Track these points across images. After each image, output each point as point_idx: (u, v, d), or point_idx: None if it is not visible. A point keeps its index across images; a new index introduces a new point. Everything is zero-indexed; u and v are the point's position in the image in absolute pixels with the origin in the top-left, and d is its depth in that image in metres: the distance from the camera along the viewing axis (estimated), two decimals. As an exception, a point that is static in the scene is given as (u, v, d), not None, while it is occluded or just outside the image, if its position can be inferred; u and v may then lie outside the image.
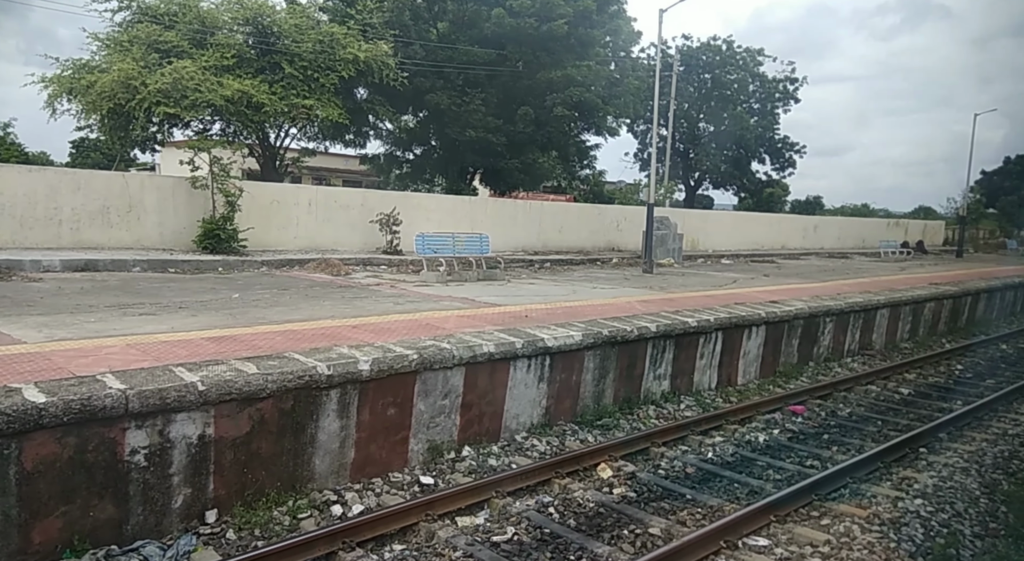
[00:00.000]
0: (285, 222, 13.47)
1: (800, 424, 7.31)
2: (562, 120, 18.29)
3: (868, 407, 8.20)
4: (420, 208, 15.76)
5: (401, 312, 6.97)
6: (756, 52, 45.60)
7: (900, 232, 37.17)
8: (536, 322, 6.95)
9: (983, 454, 6.40)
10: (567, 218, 19.84)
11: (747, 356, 8.91)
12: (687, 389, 8.05)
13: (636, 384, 7.34)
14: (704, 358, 8.24)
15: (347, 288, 9.02)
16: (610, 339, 6.81)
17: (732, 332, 8.55)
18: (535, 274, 13.91)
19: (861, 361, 10.67)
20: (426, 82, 17.66)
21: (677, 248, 19.72)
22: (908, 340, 12.39)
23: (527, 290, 10.08)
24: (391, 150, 22.27)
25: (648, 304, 9.05)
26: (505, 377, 5.82)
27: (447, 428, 5.38)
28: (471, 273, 10.91)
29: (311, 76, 14.54)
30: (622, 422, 6.79)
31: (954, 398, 8.73)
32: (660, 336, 7.49)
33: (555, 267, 16.03)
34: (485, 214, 17.39)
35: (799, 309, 9.58)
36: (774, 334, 9.27)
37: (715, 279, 14.17)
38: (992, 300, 15.93)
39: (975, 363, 11.18)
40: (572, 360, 6.47)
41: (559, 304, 8.45)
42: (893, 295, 11.91)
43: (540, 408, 6.23)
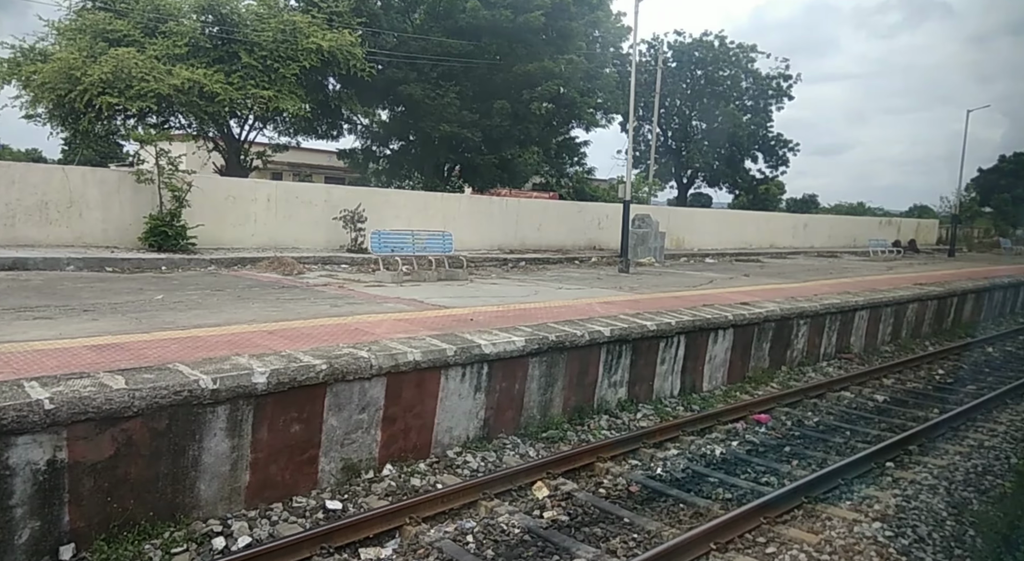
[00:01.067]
0: (242, 219, 12.99)
1: (762, 435, 6.93)
2: (540, 115, 17.85)
3: (838, 416, 7.84)
4: (389, 205, 15.31)
5: (334, 316, 6.54)
6: (749, 48, 45.31)
7: (892, 231, 37.00)
8: (480, 326, 6.54)
9: (955, 469, 6.04)
10: (546, 216, 19.43)
11: (713, 361, 8.53)
12: (647, 397, 7.65)
13: (588, 392, 6.94)
14: (665, 364, 7.85)
15: (290, 289, 8.58)
16: (558, 344, 6.41)
17: (696, 336, 8.16)
18: (506, 273, 13.50)
19: (837, 365, 10.32)
20: (398, 74, 17.21)
21: (659, 247, 19.35)
22: (889, 343, 12.05)
23: (486, 291, 9.67)
24: (367, 145, 21.80)
25: (610, 306, 8.65)
26: (435, 387, 5.40)
27: (366, 445, 4.95)
28: (431, 273, 10.48)
29: (271, 66, 14.05)
30: (570, 434, 6.38)
31: (931, 406, 8.38)
32: (615, 341, 7.09)
33: (529, 266, 15.62)
34: (459, 211, 16.96)
35: (770, 311, 9.21)
36: (743, 338, 8.89)
37: (692, 279, 13.81)
38: (980, 301, 15.65)
39: (957, 367, 10.86)
40: (514, 368, 6.06)
41: (513, 306, 8.04)
42: (873, 296, 11.57)
43: (477, 420, 5.81)
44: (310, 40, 13.97)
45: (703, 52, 44.87)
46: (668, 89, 45.91)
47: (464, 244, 17.33)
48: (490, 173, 19.90)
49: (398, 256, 10.23)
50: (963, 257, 30.33)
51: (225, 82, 13.37)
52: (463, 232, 17.23)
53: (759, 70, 46.03)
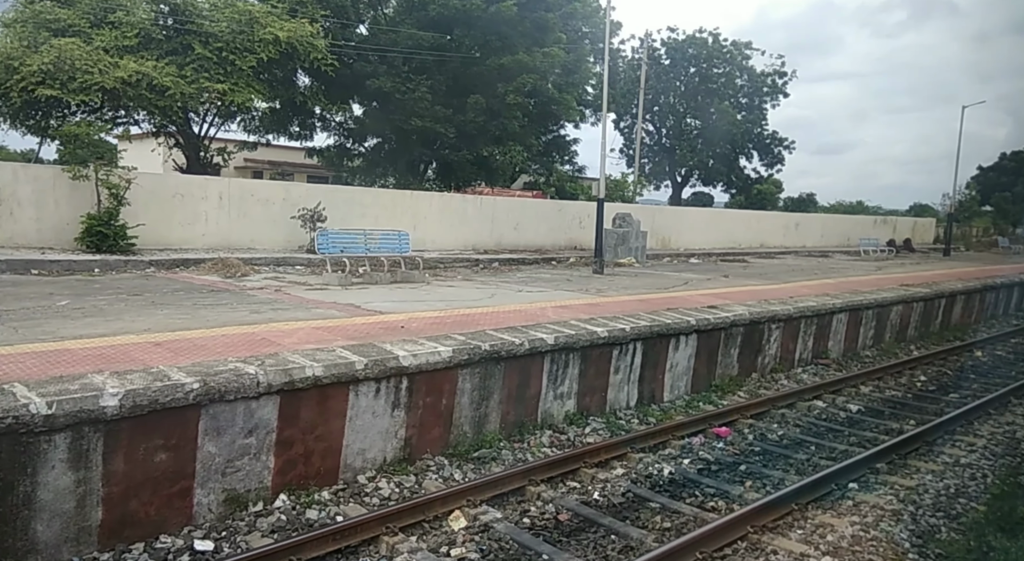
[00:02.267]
0: (191, 218, 12.45)
1: (719, 451, 6.45)
2: (515, 110, 17.35)
3: (805, 428, 7.36)
4: (354, 203, 14.79)
5: (247, 323, 6.03)
6: (744, 45, 44.87)
7: (888, 230, 36.60)
8: (410, 334, 6.04)
9: (924, 491, 5.57)
10: (524, 215, 18.93)
11: (675, 369, 8.05)
12: (599, 409, 7.16)
13: (531, 406, 6.45)
14: (620, 373, 7.37)
15: (219, 293, 8.07)
16: (492, 354, 5.91)
17: (655, 342, 7.68)
18: (473, 275, 13.01)
19: (813, 372, 9.84)
20: (367, 67, 16.68)
21: (640, 247, 18.88)
22: (871, 347, 11.59)
23: (438, 295, 9.17)
24: (341, 142, 21.26)
25: (565, 310, 8.16)
26: (343, 405, 4.90)
27: (255, 473, 4.45)
28: (383, 275, 9.97)
29: (227, 58, 13.51)
30: (505, 453, 5.88)
31: (908, 416, 7.91)
32: (561, 349, 6.60)
33: (502, 267, 15.13)
34: (430, 210, 16.45)
35: (738, 315, 8.73)
36: (708, 343, 8.41)
37: (668, 280, 13.34)
38: (970, 302, 15.20)
39: (941, 374, 10.39)
40: (440, 381, 5.56)
41: (457, 311, 7.54)
42: (853, 298, 11.10)
43: (396, 440, 5.31)
44: (267, 30, 13.44)
45: (697, 49, 44.43)
46: (662, 87, 45.49)
47: (436, 244, 16.84)
48: (466, 171, 19.38)
49: (346, 257, 9.71)
50: (959, 257, 29.91)
51: (177, 75, 12.83)
52: (434, 232, 16.75)
53: (754, 67, 45.64)
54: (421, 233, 16.48)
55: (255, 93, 13.90)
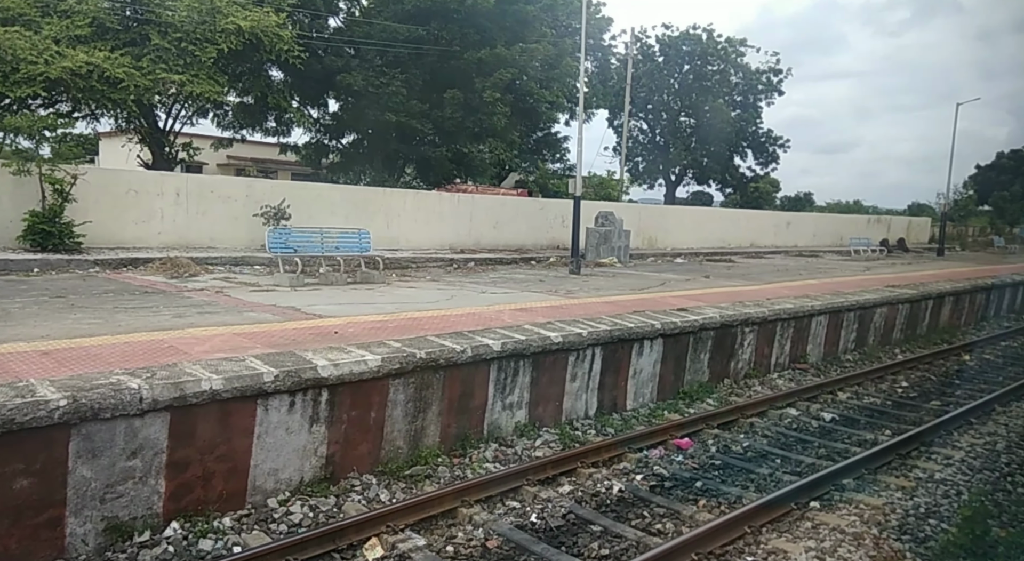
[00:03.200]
0: (146, 215, 12.01)
1: (677, 465, 6.07)
2: (494, 105, 16.95)
3: (773, 439, 6.98)
4: (322, 200, 14.36)
5: (165, 329, 5.61)
6: (738, 42, 44.53)
7: (882, 229, 36.33)
8: (343, 340, 5.64)
9: (892, 510, 5.19)
10: (503, 213, 18.54)
11: (639, 375, 7.66)
12: (553, 419, 6.77)
13: (475, 418, 6.05)
14: (578, 380, 6.98)
15: (153, 295, 7.65)
16: (429, 362, 5.51)
17: (616, 348, 7.29)
18: (444, 275, 12.61)
19: (789, 377, 9.48)
20: (339, 61, 16.23)
21: (623, 246, 18.50)
22: (853, 351, 11.23)
23: (394, 296, 8.76)
24: (317, 138, 20.80)
25: (524, 313, 7.77)
26: (250, 421, 4.49)
27: (142, 498, 4.03)
28: (338, 275, 9.56)
29: (186, 49, 13.07)
30: (442, 470, 5.49)
31: (884, 425, 7.55)
32: (510, 356, 6.20)
33: (477, 267, 14.74)
34: (404, 208, 16.03)
35: (708, 318, 8.35)
36: (676, 348, 8.03)
37: (647, 280, 12.97)
38: (959, 304, 14.87)
39: (924, 379, 10.04)
40: (369, 392, 5.16)
41: (405, 315, 7.14)
42: (834, 300, 10.74)
43: (316, 458, 4.90)
44: (229, 20, 12.99)
45: (691, 46, 44.07)
46: (656, 84, 45.12)
47: (410, 243, 16.44)
48: (444, 167, 18.95)
49: (299, 257, 9.29)
50: (953, 257, 29.62)
51: (132, 66, 12.38)
52: (409, 231, 16.34)
53: (749, 65, 45.32)
54: (395, 232, 16.09)
55: (217, 85, 13.44)
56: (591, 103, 34.09)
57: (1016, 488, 5.89)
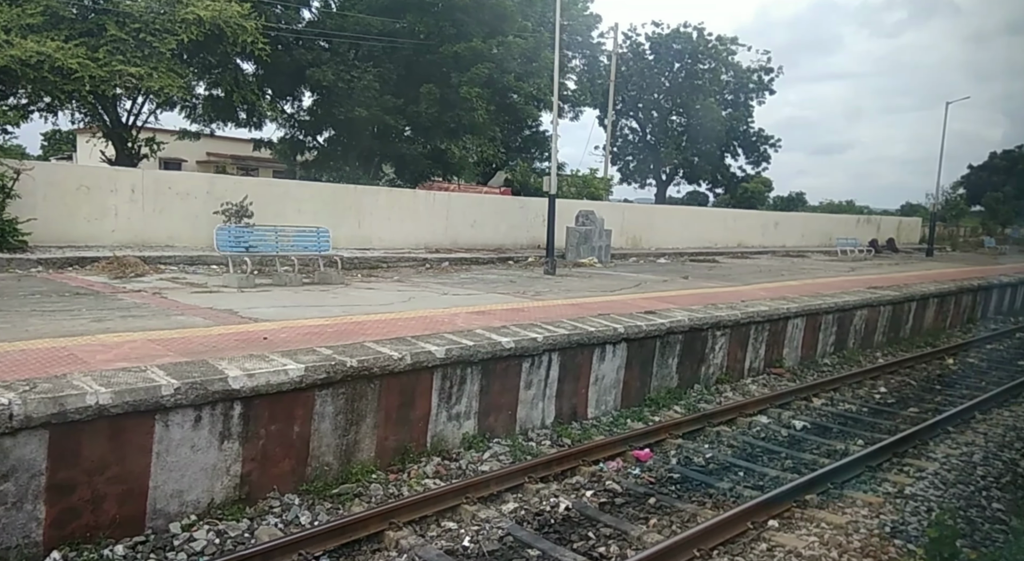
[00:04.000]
0: (99, 213, 11.56)
1: (633, 479, 5.73)
2: (472, 101, 16.55)
3: (739, 449, 6.66)
4: (288, 198, 13.94)
5: (75, 334, 5.21)
6: (729, 41, 44.33)
7: (871, 229, 36.20)
8: (270, 347, 5.26)
9: (855, 529, 4.87)
10: (481, 212, 18.16)
11: (601, 382, 7.32)
12: (506, 429, 6.41)
13: (417, 430, 5.68)
14: (533, 388, 6.62)
15: (82, 296, 7.24)
16: (362, 371, 5.14)
17: (575, 353, 6.95)
18: (414, 275, 12.23)
19: (763, 383, 9.17)
20: (309, 54, 15.80)
21: (604, 246, 18.18)
22: (832, 355, 10.95)
23: (347, 298, 8.38)
24: (292, 134, 20.34)
25: (481, 316, 7.41)
26: (147, 439, 4.10)
27: (17, 526, 3.64)
28: (294, 276, 9.16)
29: (144, 40, 12.61)
30: (375, 488, 5.12)
31: (857, 434, 7.24)
32: (455, 363, 5.84)
33: (451, 267, 14.37)
34: (376, 206, 15.63)
35: (675, 322, 8.02)
36: (641, 353, 7.69)
37: (622, 281, 12.65)
38: (944, 306, 14.63)
39: (904, 384, 9.76)
40: (291, 404, 4.78)
41: (350, 319, 6.76)
42: (811, 302, 10.45)
43: (229, 478, 4.52)
44: (188, 10, 12.54)
45: (682, 44, 43.83)
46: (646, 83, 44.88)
47: (383, 242, 16.04)
48: (420, 165, 18.54)
49: (248, 257, 8.88)
50: (943, 257, 29.47)
51: (87, 57, 11.92)
52: (381, 229, 15.94)
53: (740, 63, 45.15)
54: (367, 231, 15.69)
55: (178, 78, 12.99)
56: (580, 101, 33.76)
57: (991, 503, 5.60)
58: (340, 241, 15.17)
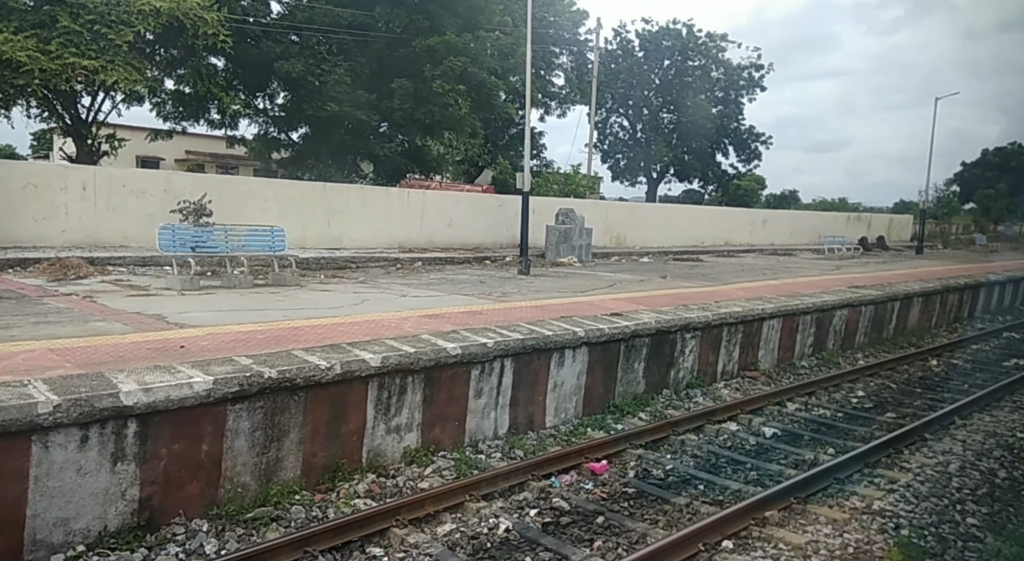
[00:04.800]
0: (48, 211, 11.10)
1: (585, 493, 5.36)
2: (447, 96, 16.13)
3: (703, 459, 6.31)
4: (252, 196, 13.51)
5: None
6: (719, 37, 44.07)
7: (862, 227, 36.05)
8: (188, 355, 4.86)
9: (816, 550, 4.52)
10: (458, 210, 17.77)
11: (560, 389, 6.96)
12: (454, 442, 6.03)
13: (351, 444, 5.29)
14: (484, 396, 6.25)
15: (4, 301, 6.80)
16: (282, 383, 4.75)
17: (531, 359, 6.58)
18: (381, 276, 11.83)
19: (736, 387, 8.83)
20: (277, 47, 15.34)
21: (585, 245, 17.82)
22: (811, 356, 10.63)
23: (296, 302, 7.97)
24: (266, 131, 19.85)
25: (433, 320, 7.03)
26: (23, 462, 3.70)
27: None
28: (244, 277, 8.74)
29: (99, 32, 12.14)
30: (297, 510, 4.72)
31: (829, 442, 6.90)
32: (394, 372, 5.46)
33: (425, 267, 13.99)
34: (347, 204, 15.22)
35: (642, 324, 7.65)
36: (604, 357, 7.33)
37: (598, 281, 12.30)
38: (929, 305, 14.35)
39: (883, 387, 9.44)
40: (198, 421, 4.39)
41: (288, 324, 6.37)
42: (788, 302, 10.12)
43: (125, 503, 4.12)
44: (144, 1, 12.08)
45: (671, 41, 43.53)
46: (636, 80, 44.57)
47: (354, 242, 15.63)
48: (395, 162, 18.11)
49: (191, 257, 8.46)
50: (933, 255, 29.29)
51: (37, 50, 11.44)
52: (352, 229, 15.53)
53: (730, 60, 44.90)
54: (337, 230, 15.28)
55: (136, 71, 12.53)
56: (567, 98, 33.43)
57: (965, 519, 5.26)
58: (309, 241, 14.78)
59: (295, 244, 14.77)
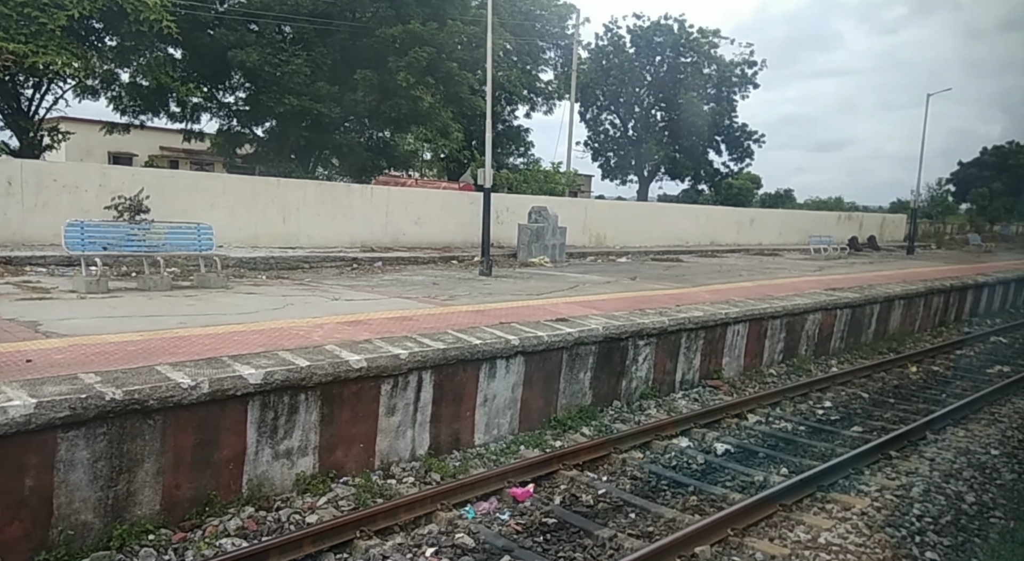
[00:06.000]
0: (-34, 209, 10.44)
1: (499, 526, 4.76)
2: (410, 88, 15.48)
3: (642, 482, 5.71)
4: (198, 191, 12.85)
5: None
6: (711, 33, 43.51)
7: (853, 226, 35.59)
8: (36, 371, 4.24)
9: (746, 597, 3.94)
10: (427, 207, 17.13)
11: (492, 403, 6.35)
12: (360, 465, 5.41)
13: (228, 473, 4.67)
14: (398, 414, 5.64)
15: None
16: (130, 405, 4.12)
17: (455, 370, 5.96)
18: (332, 278, 11.18)
19: (695, 397, 8.24)
20: (231, 36, 14.66)
21: (559, 244, 17.24)
22: (781, 363, 10.06)
23: (207, 307, 7.33)
24: (227, 125, 19.14)
25: (352, 327, 6.41)
26: None
27: None
28: (161, 279, 8.09)
29: (30, 15, 11.46)
30: (146, 552, 4.08)
31: (784, 461, 6.32)
32: (281, 389, 4.84)
33: (384, 267, 13.37)
34: (304, 201, 14.55)
35: (587, 331, 7.05)
36: (543, 368, 6.73)
37: (561, 282, 11.71)
38: (912, 308, 13.80)
39: (854, 397, 8.87)
40: (19, 452, 3.75)
41: (171, 334, 5.70)
42: (756, 306, 9.54)
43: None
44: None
45: (663, 37, 42.96)
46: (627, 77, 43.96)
47: (312, 240, 14.98)
48: (360, 157, 17.44)
49: (99, 257, 7.81)
50: (924, 255, 28.81)
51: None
52: (310, 226, 14.87)
53: (723, 57, 44.36)
54: (293, 228, 14.62)
55: (71, 56, 11.83)
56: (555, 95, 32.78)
57: (924, 553, 4.70)
58: (261, 239, 14.13)
59: (246, 242, 14.15)
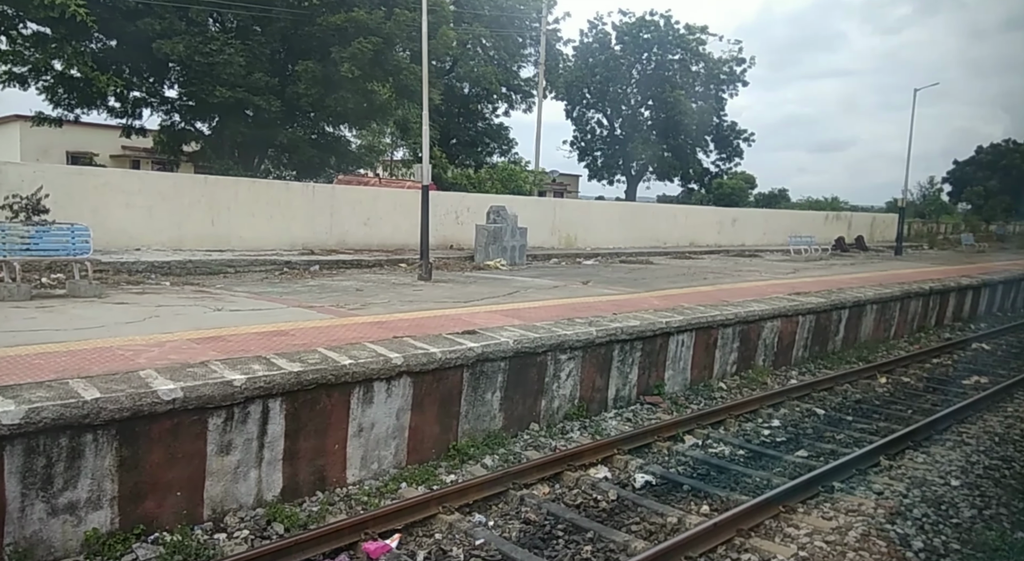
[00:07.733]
0: None
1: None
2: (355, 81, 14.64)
3: (534, 528, 4.87)
4: (112, 189, 11.93)
5: None
6: (699, 30, 42.86)
7: (841, 226, 34.96)
8: None
9: None
10: (377, 207, 16.26)
11: (369, 433, 5.49)
12: (181, 517, 4.51)
13: None
14: (236, 452, 4.76)
15: None
16: None
17: (316, 396, 5.10)
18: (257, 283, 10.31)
19: (628, 417, 7.40)
20: (157, 24, 13.77)
21: (518, 246, 16.41)
22: (735, 375, 9.25)
23: (63, 319, 6.45)
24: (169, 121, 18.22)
25: (204, 344, 5.54)
26: None
27: None
28: (16, 287, 7.19)
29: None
30: None
31: (710, 495, 5.49)
32: (55, 429, 3.96)
33: (321, 271, 12.51)
34: (235, 200, 13.65)
35: (492, 346, 6.19)
36: (438, 389, 5.88)
37: (503, 287, 10.88)
38: (887, 313, 13.01)
39: (808, 413, 8.06)
40: None
41: None
42: (705, 313, 8.71)
43: None
44: (-32, -38, 10.53)
45: (650, 33, 42.30)
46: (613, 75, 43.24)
47: (245, 243, 14.08)
48: (305, 154, 16.56)
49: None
50: (914, 256, 28.09)
51: None
52: (242, 228, 13.97)
53: (711, 54, 43.72)
54: (222, 229, 13.71)
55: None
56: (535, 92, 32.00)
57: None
58: (187, 242, 13.23)
59: (168, 245, 13.22)
